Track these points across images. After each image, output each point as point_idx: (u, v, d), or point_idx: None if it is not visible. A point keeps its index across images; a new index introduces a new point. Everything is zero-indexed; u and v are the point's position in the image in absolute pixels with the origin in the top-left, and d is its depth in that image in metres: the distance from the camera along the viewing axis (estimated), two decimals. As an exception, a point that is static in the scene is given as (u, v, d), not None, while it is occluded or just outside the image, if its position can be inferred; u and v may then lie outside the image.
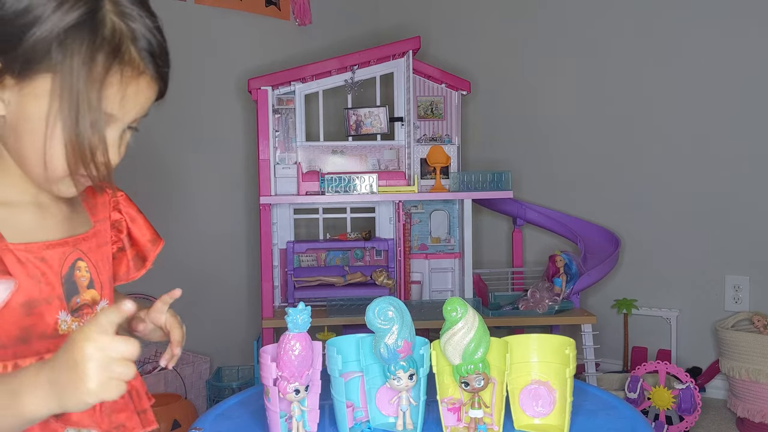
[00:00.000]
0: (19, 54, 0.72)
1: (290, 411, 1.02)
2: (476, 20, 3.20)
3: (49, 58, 0.72)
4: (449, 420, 1.07)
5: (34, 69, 0.72)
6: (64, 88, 0.73)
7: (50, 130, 0.74)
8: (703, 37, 2.69)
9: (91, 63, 0.73)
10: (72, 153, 0.74)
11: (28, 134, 0.75)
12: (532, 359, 1.10)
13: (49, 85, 0.73)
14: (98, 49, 0.73)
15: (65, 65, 0.72)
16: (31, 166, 0.77)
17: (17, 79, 0.73)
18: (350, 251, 2.66)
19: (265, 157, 2.49)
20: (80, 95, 0.73)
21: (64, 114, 0.73)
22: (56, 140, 0.74)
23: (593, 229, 2.78)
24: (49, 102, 0.73)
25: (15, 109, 0.74)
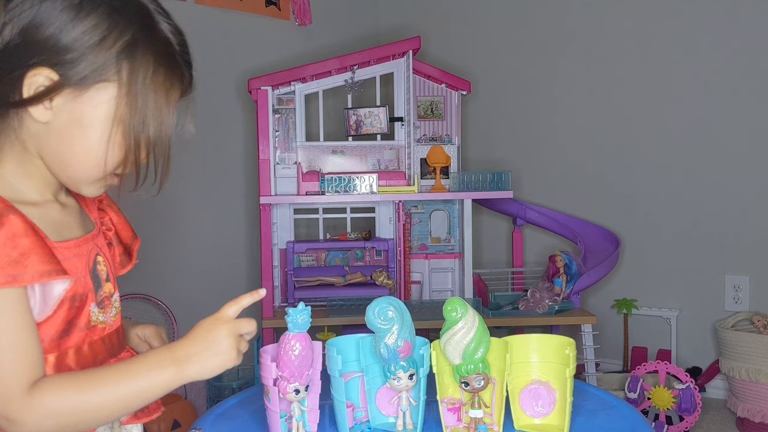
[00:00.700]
0: (81, 68, 0.76)
1: (290, 411, 1.02)
2: (476, 20, 3.20)
3: (115, 69, 0.77)
4: (449, 420, 1.07)
5: (96, 79, 0.77)
6: (131, 95, 0.78)
7: (112, 133, 0.78)
8: (703, 37, 2.69)
9: (157, 72, 0.79)
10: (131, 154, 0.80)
11: (80, 138, 0.78)
12: (532, 359, 1.10)
13: (110, 92, 0.78)
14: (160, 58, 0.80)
15: (133, 75, 0.78)
16: (72, 168, 0.80)
17: (74, 89, 0.76)
18: (350, 251, 2.66)
19: (265, 157, 2.49)
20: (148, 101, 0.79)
21: (131, 119, 0.78)
22: (116, 143, 0.79)
23: (593, 229, 2.78)
24: (115, 107, 0.78)
25: (66, 115, 0.77)
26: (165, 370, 0.81)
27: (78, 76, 0.76)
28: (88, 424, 0.79)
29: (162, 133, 0.81)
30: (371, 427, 1.10)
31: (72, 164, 0.80)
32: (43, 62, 0.75)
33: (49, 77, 0.75)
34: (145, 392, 0.80)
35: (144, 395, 0.80)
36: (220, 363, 0.85)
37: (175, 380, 0.82)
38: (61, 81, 0.75)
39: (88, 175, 0.81)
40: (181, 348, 0.84)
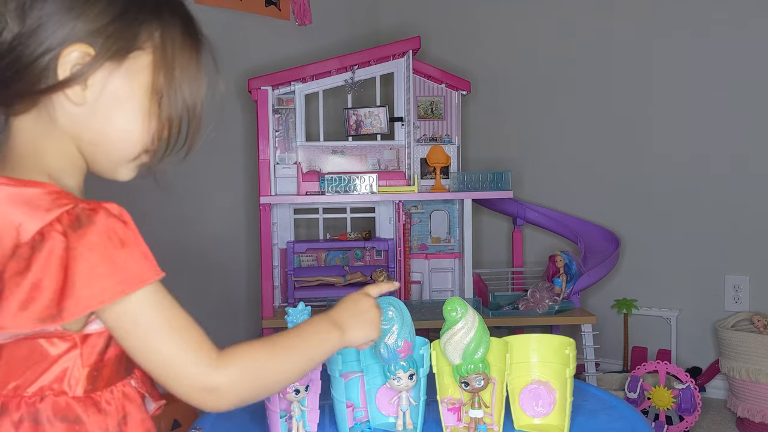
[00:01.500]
0: (114, 39, 0.73)
1: (290, 411, 1.03)
2: (476, 20, 3.20)
3: (147, 36, 0.75)
4: (449, 420, 1.07)
5: (130, 49, 0.74)
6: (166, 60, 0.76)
7: (150, 103, 0.76)
8: (704, 37, 2.69)
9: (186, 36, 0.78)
10: (167, 125, 0.79)
11: (120, 114, 0.76)
12: (532, 359, 1.10)
13: (145, 60, 0.75)
14: (186, 23, 0.79)
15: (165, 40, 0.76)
16: (115, 148, 0.77)
17: (110, 62, 0.73)
18: (350, 251, 2.66)
19: (265, 157, 2.49)
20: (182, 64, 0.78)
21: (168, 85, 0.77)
22: (153, 113, 0.77)
23: (593, 229, 2.78)
24: (151, 75, 0.76)
25: (105, 92, 0.74)
26: (331, 335, 0.88)
27: (113, 47, 0.73)
28: (274, 388, 0.84)
29: (196, 98, 0.80)
30: (371, 427, 1.10)
31: (116, 144, 0.77)
32: (75, 39, 0.71)
33: (86, 53, 0.72)
34: (317, 356, 0.87)
35: (315, 358, 0.87)
36: (366, 333, 0.93)
37: (338, 343, 0.89)
38: (97, 56, 0.72)
39: (129, 153, 0.78)
40: (337, 315, 0.91)
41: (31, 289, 0.66)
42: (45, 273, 0.66)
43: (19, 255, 0.66)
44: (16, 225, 0.67)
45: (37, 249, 0.66)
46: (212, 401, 0.74)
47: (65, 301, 0.66)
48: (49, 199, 0.69)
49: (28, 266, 0.66)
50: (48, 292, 0.66)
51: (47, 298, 0.66)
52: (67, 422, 0.73)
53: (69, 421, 0.73)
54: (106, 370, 0.77)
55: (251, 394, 0.78)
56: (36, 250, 0.66)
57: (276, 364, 0.80)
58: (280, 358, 0.81)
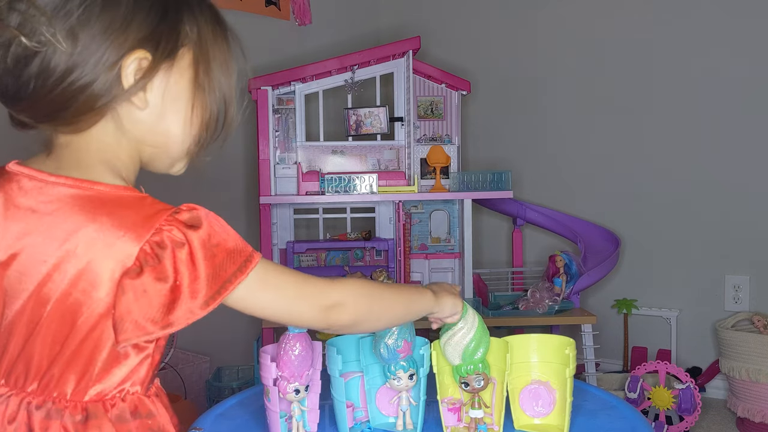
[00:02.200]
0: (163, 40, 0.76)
1: (290, 411, 1.03)
2: (476, 20, 3.20)
3: (186, 33, 0.78)
4: (449, 420, 1.07)
5: (178, 47, 0.77)
6: (203, 53, 0.79)
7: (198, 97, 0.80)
8: (704, 36, 2.69)
9: (215, 25, 0.81)
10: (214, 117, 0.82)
11: (177, 112, 0.79)
12: (532, 359, 1.10)
13: (189, 57, 0.79)
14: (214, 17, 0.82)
15: (201, 32, 0.79)
16: (176, 146, 0.81)
17: (166, 63, 0.76)
18: (350, 251, 2.66)
19: (265, 157, 2.49)
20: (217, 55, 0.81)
21: (208, 77, 0.80)
22: (197, 110, 0.80)
23: (593, 229, 2.78)
24: (195, 70, 0.79)
25: (163, 93, 0.77)
26: (426, 295, 0.99)
27: (166, 48, 0.76)
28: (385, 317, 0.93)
29: (230, 85, 0.84)
30: (371, 427, 1.10)
31: (177, 141, 0.81)
32: (131, 47, 0.74)
33: (145, 58, 0.74)
34: (414, 306, 0.96)
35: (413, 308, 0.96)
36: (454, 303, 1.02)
37: (432, 304, 0.99)
38: (156, 59, 0.75)
39: (186, 147, 0.83)
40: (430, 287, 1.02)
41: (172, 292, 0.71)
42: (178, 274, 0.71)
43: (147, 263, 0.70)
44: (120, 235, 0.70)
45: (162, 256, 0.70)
46: (335, 316, 0.83)
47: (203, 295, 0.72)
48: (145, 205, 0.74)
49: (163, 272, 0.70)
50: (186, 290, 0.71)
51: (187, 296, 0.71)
52: (140, 418, 0.77)
53: (143, 416, 0.77)
54: (158, 367, 0.82)
55: (366, 313, 0.87)
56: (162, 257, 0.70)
57: (383, 297, 0.90)
58: (386, 294, 0.91)
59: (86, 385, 0.74)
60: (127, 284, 0.70)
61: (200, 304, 0.72)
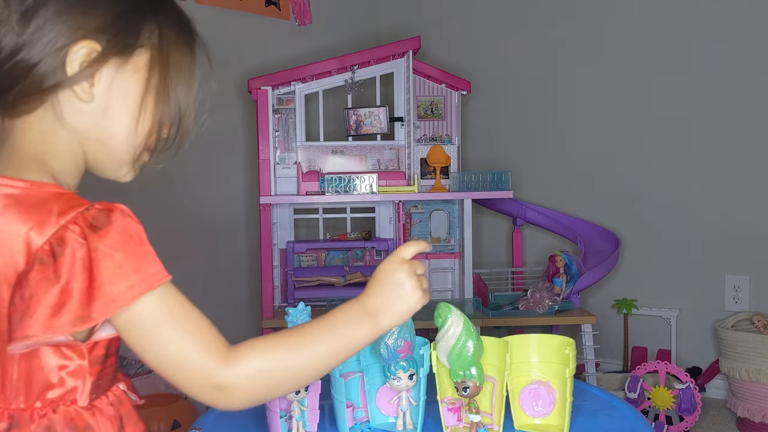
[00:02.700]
0: (119, 36, 0.75)
1: (290, 411, 1.03)
2: (476, 20, 3.20)
3: (147, 33, 0.76)
4: (449, 420, 1.07)
5: (134, 46, 0.76)
6: (163, 58, 0.78)
7: (149, 100, 0.77)
8: (704, 36, 2.69)
9: (182, 34, 0.80)
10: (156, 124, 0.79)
11: (124, 111, 0.77)
12: (532, 359, 1.10)
13: (145, 58, 0.77)
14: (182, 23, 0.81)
15: (163, 38, 0.78)
16: (121, 147, 0.78)
17: (117, 58, 0.75)
18: (350, 251, 2.66)
19: (265, 157, 2.49)
20: (177, 63, 0.79)
21: (165, 83, 0.78)
22: (147, 113, 0.78)
23: (593, 229, 2.78)
24: (149, 73, 0.77)
25: (111, 89, 0.75)
26: (362, 326, 0.81)
27: (119, 44, 0.75)
28: (295, 384, 0.79)
29: (189, 95, 0.82)
30: (371, 427, 1.10)
31: (121, 141, 0.78)
32: (82, 36, 0.73)
33: (93, 49, 0.73)
34: (346, 349, 0.80)
35: (345, 352, 0.80)
36: (409, 306, 0.85)
37: (372, 333, 0.82)
38: (104, 52, 0.74)
39: (133, 150, 0.79)
40: (369, 299, 0.83)
41: (61, 294, 0.65)
42: (71, 276, 0.66)
43: (41, 261, 0.66)
44: (25, 230, 0.67)
45: (59, 254, 0.66)
46: (223, 400, 0.73)
47: (94, 303, 0.66)
48: (60, 201, 0.69)
49: (55, 271, 0.66)
50: (77, 294, 0.66)
51: (77, 301, 0.66)
52: (77, 431, 0.74)
53: (79, 429, 0.74)
54: (105, 377, 0.78)
55: (265, 393, 0.76)
56: (58, 255, 0.66)
57: (296, 362, 0.77)
58: (301, 355, 0.77)
59: (12, 392, 0.72)
60: (20, 282, 0.66)
61: (85, 316, 0.66)
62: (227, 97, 2.77)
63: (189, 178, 2.65)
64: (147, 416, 2.18)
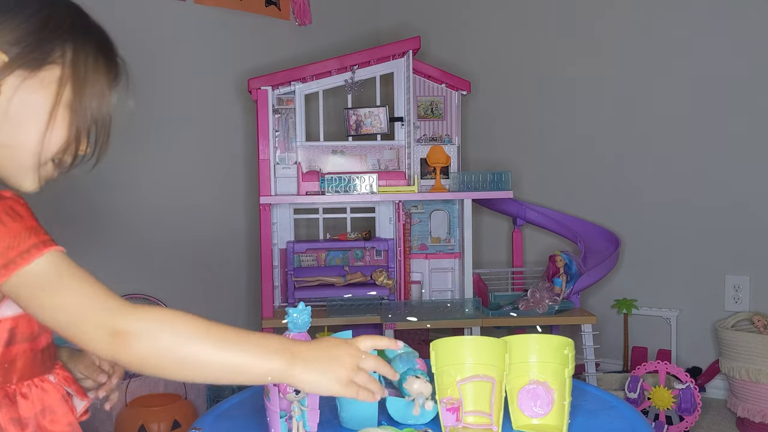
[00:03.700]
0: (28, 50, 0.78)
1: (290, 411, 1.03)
2: (476, 20, 3.20)
3: (60, 51, 0.80)
4: (448, 420, 1.07)
5: (43, 61, 0.79)
6: (75, 77, 0.80)
7: (57, 116, 0.80)
8: (704, 37, 2.69)
9: (98, 54, 0.83)
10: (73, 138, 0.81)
11: (28, 123, 0.79)
12: (530, 359, 1.10)
13: (56, 74, 0.80)
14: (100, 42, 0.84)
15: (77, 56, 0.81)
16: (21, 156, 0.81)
17: (23, 71, 0.78)
18: (350, 251, 2.66)
19: (265, 157, 2.49)
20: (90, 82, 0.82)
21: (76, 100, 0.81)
22: (57, 127, 0.80)
23: (593, 229, 2.78)
24: (59, 89, 0.80)
25: (15, 99, 0.78)
26: (276, 360, 0.79)
27: (26, 57, 0.78)
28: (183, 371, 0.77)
29: (104, 113, 0.84)
30: None
31: (23, 149, 0.80)
32: None
33: (1, 59, 0.77)
34: (248, 370, 0.78)
35: (240, 372, 0.78)
36: (325, 384, 0.82)
37: (278, 374, 0.80)
38: (10, 63, 0.77)
39: (35, 160, 0.81)
40: (301, 347, 0.82)
41: None
42: None
43: None
44: None
45: None
46: (122, 346, 0.73)
47: None
48: None
49: None
50: None
51: None
52: None
53: None
54: (18, 363, 0.81)
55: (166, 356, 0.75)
56: None
57: (199, 341, 0.76)
58: (206, 339, 0.76)
59: None
60: None
61: None
62: (227, 97, 2.77)
63: (189, 178, 2.65)
64: (147, 416, 2.18)
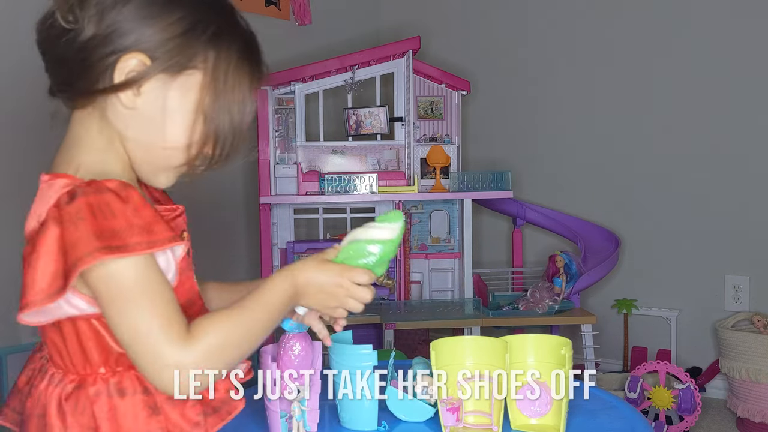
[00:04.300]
0: (171, 54, 0.78)
1: (290, 411, 1.03)
2: (476, 20, 3.20)
3: (202, 57, 0.79)
4: (448, 420, 1.07)
5: (185, 66, 0.79)
6: (216, 84, 0.80)
7: (195, 120, 0.80)
8: (705, 36, 2.69)
9: (241, 62, 0.82)
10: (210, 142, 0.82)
11: (165, 125, 0.80)
12: (529, 359, 1.10)
13: (197, 80, 0.80)
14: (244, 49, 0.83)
15: (219, 64, 0.80)
16: (154, 154, 0.82)
17: (164, 74, 0.78)
18: (350, 251, 2.65)
19: (265, 157, 2.49)
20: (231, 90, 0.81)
21: (214, 106, 0.80)
22: (197, 130, 0.81)
23: (593, 229, 2.78)
24: (199, 95, 0.80)
25: (154, 101, 0.79)
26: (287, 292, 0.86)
27: (169, 62, 0.78)
28: (244, 354, 0.81)
29: (241, 123, 0.84)
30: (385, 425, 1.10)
31: (158, 151, 0.81)
32: (135, 48, 0.77)
33: (142, 62, 0.77)
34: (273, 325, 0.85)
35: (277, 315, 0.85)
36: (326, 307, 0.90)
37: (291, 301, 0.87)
38: (153, 66, 0.77)
39: (170, 162, 0.83)
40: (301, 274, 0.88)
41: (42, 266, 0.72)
42: (43, 248, 0.72)
43: (30, 240, 0.75)
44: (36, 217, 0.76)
45: (41, 231, 0.73)
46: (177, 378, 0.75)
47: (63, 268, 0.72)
48: (59, 186, 0.75)
49: (34, 247, 0.73)
50: (50, 265, 0.72)
51: (50, 271, 0.72)
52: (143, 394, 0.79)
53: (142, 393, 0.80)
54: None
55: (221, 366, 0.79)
56: (40, 233, 0.73)
57: (243, 332, 0.80)
58: (246, 325, 0.81)
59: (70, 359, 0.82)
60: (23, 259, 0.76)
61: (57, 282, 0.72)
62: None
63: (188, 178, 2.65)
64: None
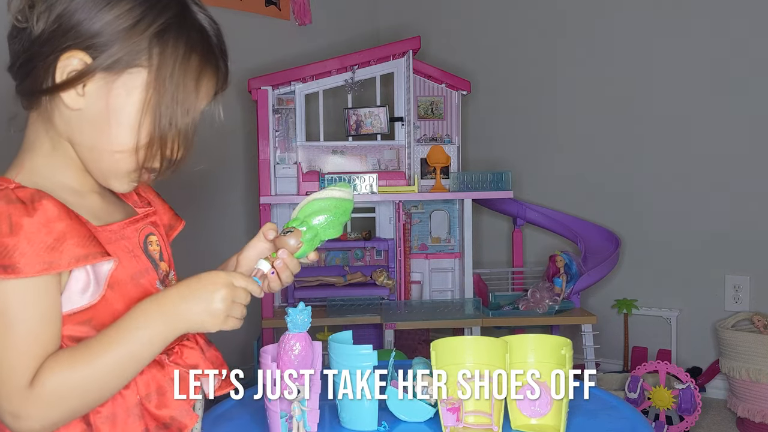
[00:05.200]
0: (113, 52, 0.75)
1: (290, 411, 1.03)
2: (476, 20, 3.20)
3: (146, 54, 0.76)
4: (448, 420, 1.07)
5: (128, 64, 0.76)
6: (160, 82, 0.77)
7: (142, 121, 0.77)
8: (704, 37, 2.69)
9: (188, 59, 0.78)
10: (157, 145, 0.78)
11: (111, 126, 0.77)
12: (529, 359, 1.10)
13: (141, 78, 0.77)
14: (194, 46, 0.79)
15: (164, 61, 0.77)
16: (103, 158, 0.79)
17: (106, 73, 0.76)
18: (350, 251, 2.66)
19: (265, 157, 2.49)
20: (177, 89, 0.78)
21: (160, 106, 0.77)
22: (143, 132, 0.77)
23: (593, 229, 2.78)
24: (145, 94, 0.77)
25: (98, 101, 0.76)
26: (155, 327, 0.77)
27: (110, 60, 0.75)
28: (92, 401, 0.76)
29: (189, 122, 0.81)
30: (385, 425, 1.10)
31: (103, 154, 0.79)
32: (77, 46, 0.74)
33: (83, 60, 0.75)
34: (139, 353, 0.77)
35: (139, 356, 0.77)
36: (210, 325, 0.82)
37: (167, 334, 0.79)
38: (94, 65, 0.75)
39: (117, 166, 0.80)
40: (170, 302, 0.80)
41: None
42: None
43: None
44: None
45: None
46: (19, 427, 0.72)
47: None
48: None
49: None
50: None
51: None
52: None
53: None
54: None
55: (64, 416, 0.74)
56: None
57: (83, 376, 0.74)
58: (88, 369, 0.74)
59: None
60: None
61: None
62: (227, 97, 2.77)
63: (188, 178, 2.65)
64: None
